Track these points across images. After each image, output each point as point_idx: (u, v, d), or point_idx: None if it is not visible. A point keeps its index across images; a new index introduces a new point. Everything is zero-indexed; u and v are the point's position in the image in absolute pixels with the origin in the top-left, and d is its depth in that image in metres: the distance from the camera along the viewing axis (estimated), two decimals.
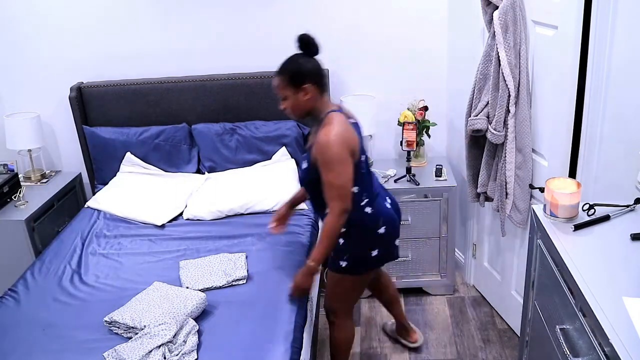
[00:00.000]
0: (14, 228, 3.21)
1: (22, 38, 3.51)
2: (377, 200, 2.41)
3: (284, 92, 2.27)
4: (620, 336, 1.40)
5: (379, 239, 2.41)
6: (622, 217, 1.94)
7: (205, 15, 3.41)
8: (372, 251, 2.41)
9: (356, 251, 2.41)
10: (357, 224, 2.35)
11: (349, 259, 2.41)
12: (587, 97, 2.22)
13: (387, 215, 2.43)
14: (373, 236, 2.40)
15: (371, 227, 2.38)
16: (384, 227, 2.40)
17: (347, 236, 2.37)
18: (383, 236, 2.41)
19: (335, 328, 2.64)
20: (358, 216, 2.34)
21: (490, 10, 2.55)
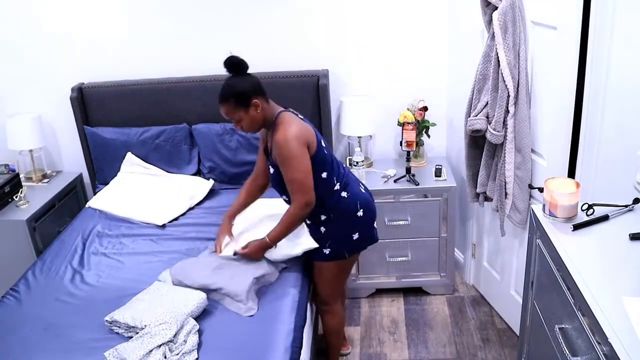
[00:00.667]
0: (15, 228, 3.21)
1: (23, 39, 3.51)
2: (351, 185, 2.51)
3: (236, 115, 2.36)
4: (619, 336, 1.40)
5: (358, 222, 2.50)
6: (621, 217, 1.95)
7: (205, 16, 3.41)
8: (353, 235, 2.51)
9: (338, 236, 2.50)
10: (336, 208, 2.46)
11: (332, 245, 2.51)
12: (586, 97, 2.23)
13: (364, 199, 2.52)
14: (353, 220, 2.49)
15: (350, 211, 2.48)
16: (362, 210, 2.50)
17: (327, 223, 2.49)
18: (362, 219, 2.51)
19: (327, 315, 2.75)
20: (334, 201, 2.46)
21: (490, 11, 2.56)
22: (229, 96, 2.33)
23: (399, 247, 3.35)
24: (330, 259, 2.54)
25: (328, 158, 2.44)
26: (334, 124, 3.57)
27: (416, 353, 3.04)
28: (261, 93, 2.38)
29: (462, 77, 3.15)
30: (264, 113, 2.38)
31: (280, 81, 3.35)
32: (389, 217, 3.27)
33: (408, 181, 3.26)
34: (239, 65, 2.36)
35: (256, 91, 2.36)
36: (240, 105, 2.33)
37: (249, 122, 2.37)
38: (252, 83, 2.36)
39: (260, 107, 2.36)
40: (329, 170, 2.42)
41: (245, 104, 2.33)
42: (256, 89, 2.36)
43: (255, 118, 2.37)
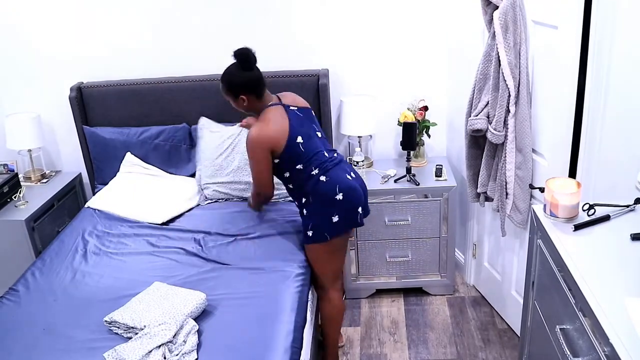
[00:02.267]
0: (14, 228, 3.21)
1: (22, 38, 3.51)
2: (334, 171, 2.61)
3: (226, 97, 2.62)
4: (620, 336, 1.39)
5: (337, 205, 2.58)
6: (622, 217, 1.94)
7: (205, 16, 3.41)
8: (333, 217, 2.58)
9: (317, 218, 2.61)
10: (313, 192, 2.59)
11: (313, 227, 2.62)
12: (587, 97, 2.22)
13: (345, 183, 2.60)
14: (331, 202, 2.57)
15: (328, 194, 2.57)
16: (341, 193, 2.57)
17: (307, 205, 2.63)
18: (342, 202, 2.58)
19: (323, 302, 2.83)
20: (312, 185, 2.59)
21: (491, 10, 2.55)
22: (223, 82, 2.59)
23: (399, 247, 3.35)
24: (313, 241, 2.64)
25: (306, 151, 2.58)
26: (334, 123, 3.57)
27: (416, 354, 3.04)
28: (252, 91, 2.56)
29: (463, 77, 3.14)
30: (250, 106, 2.60)
31: (280, 81, 3.34)
32: (389, 217, 3.26)
33: (408, 181, 3.26)
34: (245, 59, 2.53)
35: (246, 89, 2.54)
36: (228, 93, 2.59)
37: (237, 106, 2.63)
38: (245, 81, 2.54)
39: (247, 102, 2.57)
40: (304, 162, 2.58)
41: (234, 94, 2.57)
42: (247, 87, 2.54)
43: (240, 107, 2.61)
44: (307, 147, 2.59)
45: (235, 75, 2.55)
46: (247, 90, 2.55)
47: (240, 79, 2.54)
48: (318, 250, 2.68)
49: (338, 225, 2.61)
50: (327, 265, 2.74)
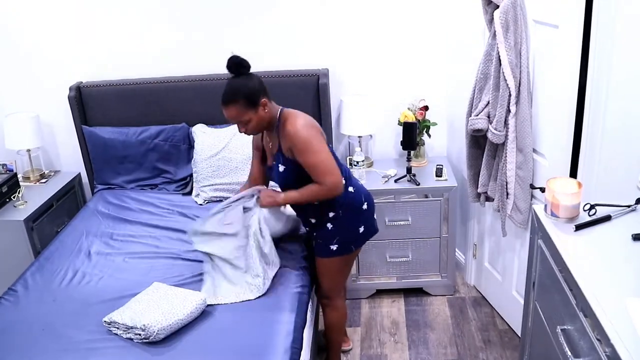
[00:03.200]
0: (13, 228, 3.20)
1: (21, 37, 3.51)
2: (353, 180, 2.57)
3: (245, 116, 2.31)
4: (621, 337, 1.39)
5: (364, 215, 2.53)
6: (624, 217, 1.94)
7: (205, 15, 3.40)
8: (360, 228, 2.53)
9: (345, 231, 2.51)
10: (345, 204, 2.47)
11: (339, 241, 2.51)
12: (588, 96, 2.22)
13: (366, 192, 2.58)
14: (359, 213, 2.52)
15: (357, 205, 2.51)
16: (366, 202, 2.54)
17: (335, 219, 2.49)
18: (367, 212, 2.55)
19: (329, 309, 2.76)
20: (344, 197, 2.45)
21: (491, 10, 2.54)
22: (238, 97, 2.27)
23: (399, 247, 3.34)
24: (338, 254, 2.54)
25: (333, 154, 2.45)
26: (334, 123, 3.56)
27: (417, 354, 3.03)
28: (267, 92, 2.36)
29: (463, 77, 3.13)
30: (270, 112, 2.37)
31: (280, 80, 3.33)
32: (390, 217, 3.26)
33: (409, 181, 3.25)
34: (242, 64, 2.32)
35: (263, 91, 2.34)
36: (249, 105, 2.29)
37: (256, 123, 2.34)
38: (258, 82, 2.33)
39: (269, 107, 2.35)
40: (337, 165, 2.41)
41: (255, 103, 2.30)
42: (263, 88, 2.34)
43: (263, 118, 2.34)
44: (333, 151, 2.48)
45: (246, 82, 2.30)
46: (264, 91, 2.34)
47: (253, 81, 2.32)
48: (337, 263, 2.59)
49: (364, 236, 2.56)
50: (340, 275, 2.68)
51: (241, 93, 2.27)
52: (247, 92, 2.28)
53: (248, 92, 2.28)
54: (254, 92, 2.29)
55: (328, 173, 2.31)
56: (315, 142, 2.30)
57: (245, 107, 2.28)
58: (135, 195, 3.39)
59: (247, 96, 2.28)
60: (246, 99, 2.28)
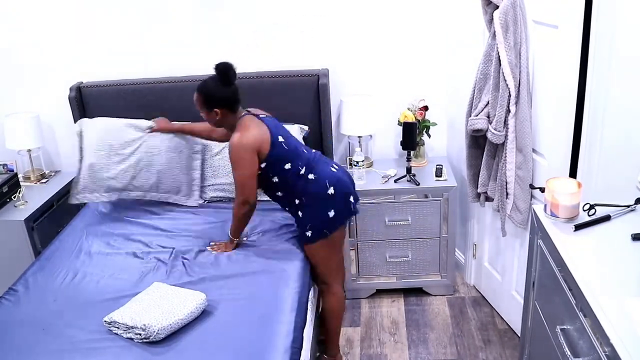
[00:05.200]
0: (13, 228, 3.20)
1: (21, 37, 3.51)
2: (319, 167, 2.66)
3: (199, 108, 2.60)
4: (621, 337, 1.39)
5: (331, 199, 2.62)
6: (623, 217, 1.94)
7: (205, 16, 3.40)
8: (329, 212, 2.62)
9: (314, 217, 2.64)
10: (306, 192, 2.62)
11: (312, 228, 2.64)
12: (587, 96, 2.22)
13: (332, 176, 2.65)
14: (325, 198, 2.61)
15: (320, 191, 2.61)
16: (332, 187, 2.61)
17: (302, 207, 2.66)
18: (334, 196, 2.62)
19: (327, 295, 2.85)
20: (302, 185, 2.62)
21: (491, 10, 2.55)
22: (201, 92, 2.57)
23: (399, 247, 3.34)
24: (314, 240, 2.66)
25: (290, 149, 2.62)
26: (334, 123, 3.56)
27: (417, 354, 3.03)
28: (227, 106, 2.57)
29: (463, 77, 3.14)
30: (223, 120, 2.61)
31: (280, 80, 3.33)
32: (390, 217, 3.26)
33: (408, 181, 3.25)
34: (226, 74, 2.53)
35: (222, 103, 2.56)
36: (204, 105, 2.58)
37: (206, 118, 2.64)
38: (223, 96, 2.55)
39: (220, 115, 2.57)
40: (291, 160, 2.61)
41: (209, 107, 2.57)
42: (224, 102, 2.56)
43: (212, 120, 2.62)
44: (289, 145, 2.64)
45: (214, 90, 2.55)
46: (223, 105, 2.56)
47: (220, 94, 2.55)
48: (319, 248, 2.70)
49: (335, 220, 2.64)
50: (330, 260, 2.77)
51: (204, 91, 2.57)
52: (207, 96, 2.56)
53: (208, 96, 2.56)
54: (212, 100, 2.55)
55: (240, 191, 2.60)
56: (241, 163, 2.54)
57: (202, 103, 2.58)
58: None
59: (205, 98, 2.56)
60: (204, 98, 2.57)
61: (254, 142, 2.54)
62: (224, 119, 2.61)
